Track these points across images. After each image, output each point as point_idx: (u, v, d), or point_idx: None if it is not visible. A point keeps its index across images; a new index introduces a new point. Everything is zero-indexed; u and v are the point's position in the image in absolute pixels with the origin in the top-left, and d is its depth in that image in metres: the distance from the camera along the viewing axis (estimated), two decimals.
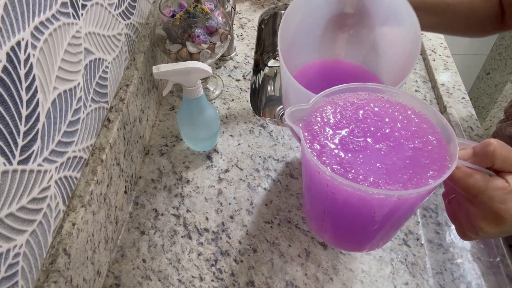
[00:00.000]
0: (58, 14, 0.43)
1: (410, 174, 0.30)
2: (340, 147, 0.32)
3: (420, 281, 0.52)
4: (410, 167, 0.31)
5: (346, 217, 0.34)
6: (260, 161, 0.67)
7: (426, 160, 0.31)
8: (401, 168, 0.31)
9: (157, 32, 0.69)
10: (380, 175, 0.30)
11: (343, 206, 0.32)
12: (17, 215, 0.37)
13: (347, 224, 0.36)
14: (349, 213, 0.33)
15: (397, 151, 0.32)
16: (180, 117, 0.63)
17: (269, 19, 1.06)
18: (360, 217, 0.33)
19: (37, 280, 0.41)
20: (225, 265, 0.55)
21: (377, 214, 0.32)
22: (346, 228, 0.37)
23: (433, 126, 0.34)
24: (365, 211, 0.32)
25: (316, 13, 0.55)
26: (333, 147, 0.33)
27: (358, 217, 0.33)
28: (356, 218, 0.34)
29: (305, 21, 0.55)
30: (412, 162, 0.31)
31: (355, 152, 0.32)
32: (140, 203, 0.62)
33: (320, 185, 0.32)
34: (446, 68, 0.81)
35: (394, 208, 0.31)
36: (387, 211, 0.31)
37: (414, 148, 0.32)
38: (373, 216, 0.32)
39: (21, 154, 0.37)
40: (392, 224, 0.35)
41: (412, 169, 0.31)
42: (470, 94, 1.83)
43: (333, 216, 0.35)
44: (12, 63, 0.35)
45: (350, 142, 0.33)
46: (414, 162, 0.31)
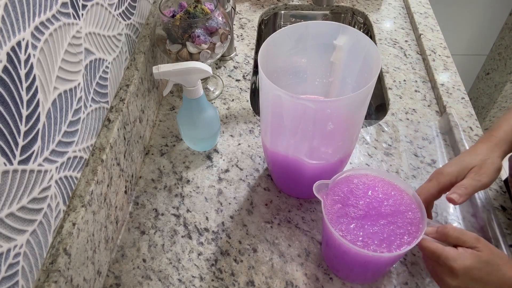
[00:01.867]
0: (58, 14, 0.43)
1: (391, 242, 0.45)
2: (347, 216, 0.47)
3: (420, 281, 0.52)
4: (391, 237, 0.45)
5: (346, 261, 0.49)
6: (260, 161, 0.67)
7: (402, 232, 0.46)
8: (384, 237, 0.45)
9: (157, 32, 0.69)
10: (372, 239, 0.45)
11: (344, 254, 0.47)
12: (18, 215, 0.37)
13: (348, 265, 0.50)
14: (349, 260, 0.48)
15: (385, 224, 0.46)
16: (180, 117, 0.63)
17: (269, 19, 1.06)
18: (355, 263, 0.48)
19: (37, 280, 0.41)
20: (225, 265, 0.55)
21: (365, 263, 0.47)
22: (347, 267, 0.51)
23: (413, 208, 0.48)
24: (357, 260, 0.47)
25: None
26: (343, 215, 0.47)
27: (354, 262, 0.48)
28: (353, 263, 0.49)
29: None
30: (393, 233, 0.45)
31: (357, 220, 0.47)
32: (140, 203, 0.62)
33: (333, 240, 0.47)
34: (446, 68, 0.81)
35: (379, 261, 0.47)
36: (375, 263, 0.48)
37: (397, 223, 0.46)
38: (364, 263, 0.47)
39: (22, 154, 0.37)
40: (376, 270, 0.51)
41: (394, 237, 0.45)
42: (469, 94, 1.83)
43: (339, 259, 0.51)
44: (12, 63, 0.35)
45: (355, 213, 0.47)
46: (394, 233, 0.45)
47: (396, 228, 0.46)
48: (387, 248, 0.44)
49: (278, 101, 0.46)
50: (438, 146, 0.69)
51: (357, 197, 0.49)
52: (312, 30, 0.54)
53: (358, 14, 1.02)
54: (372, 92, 0.48)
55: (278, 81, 0.57)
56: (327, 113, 0.47)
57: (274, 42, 0.52)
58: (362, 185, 0.50)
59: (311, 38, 0.55)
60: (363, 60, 0.52)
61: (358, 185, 0.50)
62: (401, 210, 0.47)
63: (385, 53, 0.87)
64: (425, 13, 0.96)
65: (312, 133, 0.50)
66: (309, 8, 1.04)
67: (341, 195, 0.49)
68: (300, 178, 0.57)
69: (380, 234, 0.45)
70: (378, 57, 0.47)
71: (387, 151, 0.68)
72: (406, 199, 0.48)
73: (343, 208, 0.48)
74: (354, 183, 0.50)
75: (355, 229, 0.46)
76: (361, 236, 0.45)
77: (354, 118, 0.49)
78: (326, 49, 0.56)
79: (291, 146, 0.52)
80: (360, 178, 0.51)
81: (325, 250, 0.54)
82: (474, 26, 1.57)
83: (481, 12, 1.52)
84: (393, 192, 0.49)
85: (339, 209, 0.48)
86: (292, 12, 1.05)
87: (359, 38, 0.51)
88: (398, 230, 0.46)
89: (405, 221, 0.46)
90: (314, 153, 0.52)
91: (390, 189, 0.50)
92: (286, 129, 0.50)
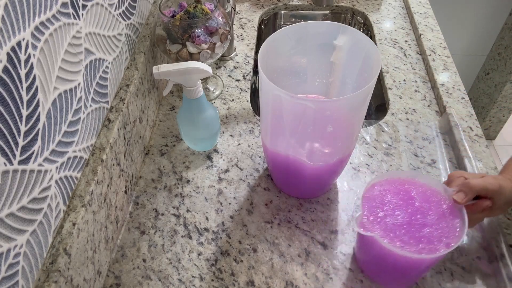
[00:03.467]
0: (58, 14, 0.43)
1: (427, 242, 0.44)
2: (386, 219, 0.47)
3: (420, 281, 0.52)
4: (433, 239, 0.44)
5: (388, 265, 0.48)
6: (260, 161, 0.67)
7: (440, 233, 0.45)
8: (422, 237, 0.45)
9: (157, 32, 0.69)
10: (413, 241, 0.44)
11: (386, 257, 0.47)
12: (18, 215, 0.37)
13: (388, 270, 0.50)
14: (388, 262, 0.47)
15: (422, 225, 0.46)
16: (180, 117, 0.63)
17: (269, 19, 1.06)
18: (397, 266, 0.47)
19: (37, 280, 0.41)
20: (225, 265, 0.55)
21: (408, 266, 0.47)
22: (386, 271, 0.51)
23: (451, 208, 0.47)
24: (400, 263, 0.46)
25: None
26: (382, 217, 0.47)
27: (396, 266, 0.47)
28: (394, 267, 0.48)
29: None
30: (429, 235, 0.45)
31: (396, 223, 0.46)
32: (140, 203, 0.62)
33: (374, 244, 0.47)
34: (446, 68, 0.81)
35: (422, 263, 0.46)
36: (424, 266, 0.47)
37: (432, 225, 0.45)
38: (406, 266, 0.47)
39: (22, 154, 0.37)
40: (416, 274, 0.50)
41: (428, 239, 0.44)
42: (469, 94, 1.83)
43: (378, 263, 0.50)
44: (12, 63, 0.35)
45: (394, 215, 0.47)
46: (430, 235, 0.45)
47: (435, 230, 0.45)
48: (430, 250, 0.43)
49: (278, 101, 0.46)
50: (438, 146, 0.69)
51: (393, 204, 0.48)
52: (312, 30, 0.54)
53: (358, 14, 1.02)
54: (372, 92, 0.48)
55: (278, 81, 0.57)
56: (326, 113, 0.47)
57: (274, 42, 0.52)
58: (395, 191, 0.49)
59: (311, 38, 0.55)
60: (363, 60, 0.52)
61: (392, 192, 0.49)
62: (440, 212, 0.47)
63: (385, 53, 0.87)
64: (425, 13, 0.96)
65: (312, 133, 0.50)
66: (309, 8, 1.04)
67: (377, 205, 0.48)
68: (300, 178, 0.57)
69: (420, 236, 0.44)
70: (378, 57, 0.47)
71: (387, 151, 0.68)
72: (440, 198, 0.48)
73: (383, 218, 0.47)
74: (386, 190, 0.49)
75: (396, 232, 0.45)
76: (403, 239, 0.44)
77: (354, 118, 0.49)
78: (326, 49, 0.56)
79: (291, 146, 0.52)
80: (392, 184, 0.50)
81: (362, 255, 0.53)
82: (474, 26, 1.57)
83: (481, 12, 1.52)
84: (428, 193, 0.48)
85: (379, 217, 0.47)
86: (292, 12, 1.05)
87: (359, 38, 0.51)
88: (436, 232, 0.45)
89: (443, 223, 0.46)
90: (314, 153, 0.52)
91: (424, 190, 0.49)
92: (286, 129, 0.50)
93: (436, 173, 0.64)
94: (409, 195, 0.48)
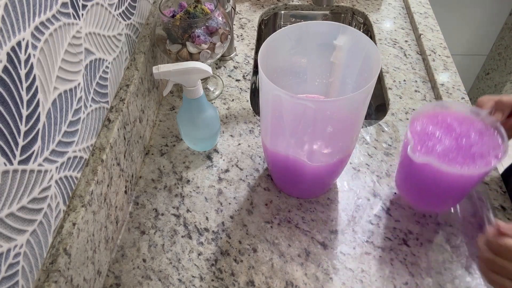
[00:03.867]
0: (58, 14, 0.43)
1: (481, 158, 0.48)
2: (436, 147, 0.51)
3: (420, 281, 0.52)
4: (479, 154, 0.49)
5: (442, 188, 0.53)
6: (260, 161, 0.67)
7: (487, 148, 0.50)
8: (474, 154, 0.49)
9: (157, 32, 0.69)
10: (455, 159, 0.49)
11: (432, 177, 0.51)
12: (18, 215, 0.37)
13: (442, 193, 0.54)
14: (443, 186, 0.52)
15: (469, 146, 0.50)
16: (180, 117, 0.63)
17: (269, 19, 1.06)
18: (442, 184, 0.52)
19: (37, 280, 0.41)
20: (225, 265, 0.55)
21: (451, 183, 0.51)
22: (427, 192, 0.55)
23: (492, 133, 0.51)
24: (444, 181, 0.51)
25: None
26: (431, 147, 0.51)
27: (441, 184, 0.52)
28: (439, 186, 0.52)
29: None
30: (478, 151, 0.49)
31: (446, 148, 0.50)
32: (140, 203, 0.62)
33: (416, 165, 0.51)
34: (446, 68, 0.81)
35: (478, 178, 0.50)
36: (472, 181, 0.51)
37: (477, 143, 0.50)
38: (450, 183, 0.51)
39: (22, 154, 0.37)
40: (467, 190, 0.55)
41: (480, 154, 0.49)
42: (469, 94, 1.83)
43: (421, 186, 0.55)
44: (12, 63, 0.35)
45: (442, 143, 0.51)
46: (479, 151, 0.49)
47: (482, 146, 0.50)
48: (486, 163, 0.48)
49: (278, 101, 0.46)
50: None
51: (436, 133, 0.52)
52: (312, 30, 0.54)
53: (358, 14, 1.02)
54: (372, 92, 0.48)
55: (278, 81, 0.57)
56: (326, 113, 0.47)
57: (274, 42, 0.52)
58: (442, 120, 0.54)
59: (311, 38, 0.55)
60: (363, 60, 0.52)
61: (431, 123, 0.53)
62: (478, 131, 0.51)
63: (385, 53, 0.87)
64: (425, 13, 0.96)
65: (312, 133, 0.50)
66: (309, 8, 1.04)
67: (423, 137, 0.52)
68: (300, 178, 0.57)
69: (471, 154, 0.49)
70: (378, 57, 0.47)
71: (387, 151, 0.68)
72: (474, 120, 0.53)
73: (433, 146, 0.51)
74: (425, 123, 0.54)
75: (450, 155, 0.50)
76: (458, 160, 0.49)
77: (354, 118, 0.50)
78: (326, 49, 0.56)
79: (291, 146, 0.52)
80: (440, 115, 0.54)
81: (403, 177, 0.58)
82: (474, 26, 1.57)
83: (481, 12, 1.52)
84: (461, 118, 0.53)
85: (429, 147, 0.51)
86: (292, 12, 1.05)
87: (359, 38, 0.51)
88: (483, 147, 0.49)
89: (485, 139, 0.51)
90: (314, 153, 0.52)
91: (457, 117, 0.54)
92: (286, 129, 0.50)
93: None
94: (447, 123, 0.53)
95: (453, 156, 0.50)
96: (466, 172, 0.48)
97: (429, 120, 0.53)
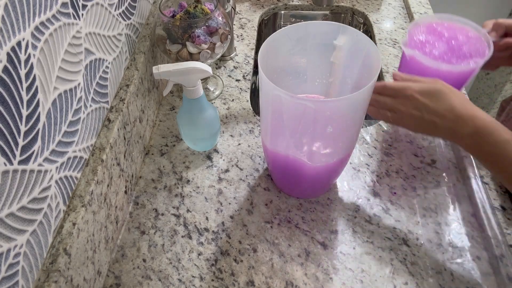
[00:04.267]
0: (58, 14, 0.43)
1: (471, 57, 0.58)
2: (433, 51, 0.60)
3: (420, 281, 0.52)
4: (469, 53, 0.58)
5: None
6: (260, 161, 0.67)
7: (475, 48, 0.59)
8: (465, 54, 0.58)
9: (157, 33, 0.69)
10: (458, 60, 0.58)
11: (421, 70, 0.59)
12: (18, 215, 0.37)
13: None
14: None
15: (459, 46, 0.59)
16: (180, 117, 0.63)
17: (269, 20, 1.06)
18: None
19: (37, 280, 0.41)
20: (225, 265, 0.55)
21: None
22: None
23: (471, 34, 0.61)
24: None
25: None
26: (429, 52, 0.60)
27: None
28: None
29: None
30: (468, 50, 0.58)
31: (441, 52, 0.59)
32: (140, 203, 0.62)
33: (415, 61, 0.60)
34: None
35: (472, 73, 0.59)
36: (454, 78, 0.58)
37: (466, 43, 0.59)
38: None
39: (22, 154, 0.37)
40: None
41: (469, 53, 0.58)
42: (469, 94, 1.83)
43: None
44: (12, 63, 0.35)
45: (436, 47, 0.60)
46: (469, 50, 0.58)
47: (471, 46, 0.58)
48: (475, 62, 0.56)
49: (278, 101, 0.46)
50: (438, 146, 0.69)
51: (431, 40, 0.61)
52: (312, 30, 0.54)
53: (358, 14, 1.02)
54: (372, 92, 0.48)
55: (278, 81, 0.57)
56: (326, 113, 0.47)
57: (274, 42, 0.52)
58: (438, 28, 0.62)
59: (311, 38, 0.55)
60: (363, 60, 0.52)
61: (425, 33, 0.62)
62: (467, 36, 0.60)
63: (385, 53, 0.87)
64: (425, 13, 0.96)
65: (311, 133, 0.50)
66: (309, 8, 1.04)
67: (419, 45, 0.61)
68: (300, 178, 0.57)
69: (463, 54, 0.58)
70: (378, 57, 0.47)
71: (387, 151, 0.68)
72: (466, 30, 0.61)
73: (430, 52, 0.59)
74: (420, 32, 0.62)
75: (445, 57, 0.58)
76: (452, 61, 0.58)
77: (354, 118, 0.50)
78: (326, 49, 0.56)
79: (291, 146, 0.52)
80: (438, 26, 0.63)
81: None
82: None
83: (481, 12, 1.52)
84: (454, 26, 0.62)
85: (427, 53, 0.59)
86: (292, 12, 1.05)
87: (359, 38, 0.51)
88: (473, 47, 0.58)
89: (472, 41, 0.59)
90: (314, 154, 0.52)
91: (451, 26, 0.62)
92: (286, 129, 0.50)
93: (436, 173, 0.64)
94: (438, 32, 0.61)
95: (448, 57, 0.58)
96: (464, 67, 0.57)
97: (425, 30, 0.62)
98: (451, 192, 0.62)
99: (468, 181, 0.62)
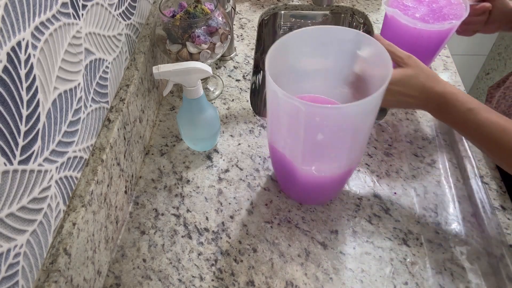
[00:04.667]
0: (58, 14, 0.43)
1: (450, 18, 0.63)
2: (415, 14, 0.66)
3: (420, 281, 0.53)
4: (447, 14, 0.64)
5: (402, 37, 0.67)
6: (260, 161, 0.67)
7: (454, 11, 0.65)
8: (444, 15, 0.64)
9: (157, 33, 0.69)
10: (438, 20, 0.64)
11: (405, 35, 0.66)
12: (18, 215, 0.37)
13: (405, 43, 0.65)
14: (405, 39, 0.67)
15: (440, 8, 0.66)
16: (180, 117, 0.63)
17: (269, 19, 1.06)
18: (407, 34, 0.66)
19: (37, 280, 0.41)
20: (225, 265, 0.55)
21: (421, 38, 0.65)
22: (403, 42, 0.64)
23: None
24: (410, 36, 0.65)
25: None
26: (411, 15, 0.66)
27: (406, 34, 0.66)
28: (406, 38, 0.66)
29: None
30: (448, 12, 0.65)
31: (423, 14, 0.65)
32: (140, 203, 0.62)
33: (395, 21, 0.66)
34: (446, 68, 0.81)
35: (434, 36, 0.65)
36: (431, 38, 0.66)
37: (446, 6, 0.66)
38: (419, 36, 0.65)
39: (22, 154, 0.37)
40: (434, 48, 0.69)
41: (448, 15, 0.64)
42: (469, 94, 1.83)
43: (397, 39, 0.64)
44: (12, 63, 0.35)
45: (418, 10, 0.66)
46: (449, 12, 0.64)
47: (450, 9, 0.65)
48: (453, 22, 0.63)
49: (294, 110, 0.44)
50: (438, 146, 0.69)
51: (411, 4, 0.67)
52: (334, 35, 0.51)
53: (358, 14, 1.02)
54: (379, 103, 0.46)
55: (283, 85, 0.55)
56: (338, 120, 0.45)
57: (283, 45, 0.49)
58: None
59: (330, 43, 0.52)
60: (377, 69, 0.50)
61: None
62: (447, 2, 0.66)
63: None
64: None
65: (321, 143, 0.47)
66: (309, 8, 1.04)
67: (401, 7, 0.67)
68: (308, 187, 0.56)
69: (443, 15, 0.64)
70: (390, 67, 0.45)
71: (387, 151, 0.68)
72: None
73: (412, 15, 0.65)
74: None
75: (425, 18, 0.64)
76: (429, 21, 0.64)
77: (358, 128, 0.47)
78: (344, 55, 0.52)
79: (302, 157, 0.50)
80: None
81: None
82: None
83: None
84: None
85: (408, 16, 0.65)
86: (292, 12, 1.05)
87: (378, 49, 0.48)
88: (452, 10, 0.64)
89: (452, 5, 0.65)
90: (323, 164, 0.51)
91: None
92: (300, 140, 0.48)
93: (436, 173, 0.64)
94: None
95: (428, 18, 0.63)
96: (420, 26, 0.62)
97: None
98: (451, 192, 0.62)
99: (468, 181, 0.62)
